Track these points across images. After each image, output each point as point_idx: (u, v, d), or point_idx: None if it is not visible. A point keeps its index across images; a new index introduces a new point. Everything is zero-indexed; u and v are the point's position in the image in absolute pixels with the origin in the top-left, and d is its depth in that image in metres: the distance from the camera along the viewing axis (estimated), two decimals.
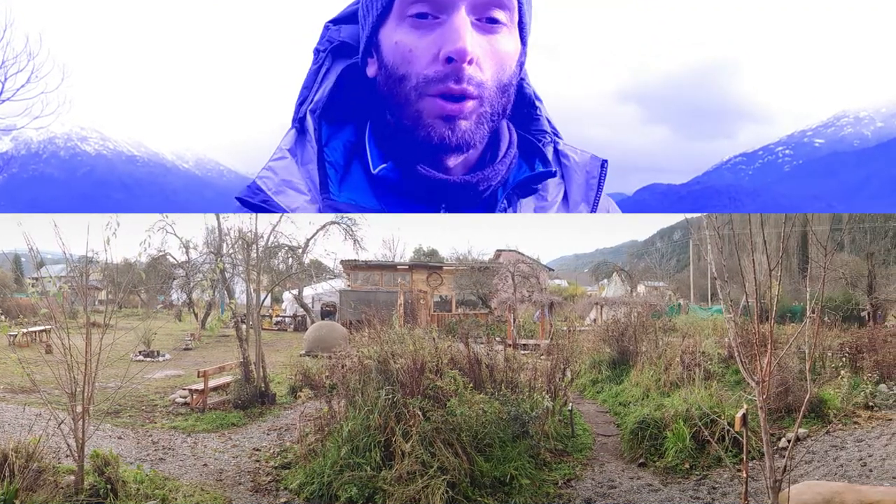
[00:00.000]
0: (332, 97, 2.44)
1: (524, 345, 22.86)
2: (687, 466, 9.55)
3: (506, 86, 2.28)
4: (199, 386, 14.24)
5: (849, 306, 26.52)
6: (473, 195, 2.34)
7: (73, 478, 7.74)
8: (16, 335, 20.53)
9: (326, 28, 2.58)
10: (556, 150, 2.59)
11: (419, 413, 8.71)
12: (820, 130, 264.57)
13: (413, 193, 2.34)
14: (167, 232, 31.85)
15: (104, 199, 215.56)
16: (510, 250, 44.61)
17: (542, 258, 49.88)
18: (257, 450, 11.00)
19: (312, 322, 31.36)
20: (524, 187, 2.48)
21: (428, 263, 40.23)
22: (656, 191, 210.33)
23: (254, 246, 16.95)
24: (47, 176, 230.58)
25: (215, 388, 14.74)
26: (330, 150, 2.37)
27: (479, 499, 8.25)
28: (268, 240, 19.64)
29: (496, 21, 2.22)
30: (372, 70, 2.35)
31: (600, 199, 2.57)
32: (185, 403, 14.26)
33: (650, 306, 25.88)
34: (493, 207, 2.39)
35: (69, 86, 24.88)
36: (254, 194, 2.30)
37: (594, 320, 32.47)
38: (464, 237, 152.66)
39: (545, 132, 2.58)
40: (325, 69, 2.51)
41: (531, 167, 2.51)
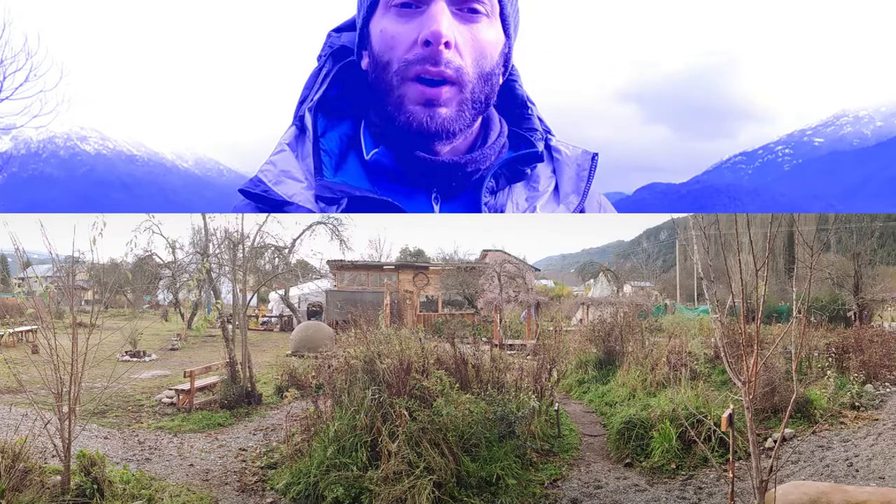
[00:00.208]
0: (329, 93, 2.57)
1: (510, 345, 22.88)
2: (673, 466, 9.57)
3: (488, 75, 2.40)
4: (186, 386, 14.21)
5: (835, 306, 26.59)
6: (462, 177, 2.45)
7: (59, 478, 7.70)
8: (2, 335, 20.42)
9: (329, 36, 2.71)
10: (548, 146, 2.69)
11: (405, 413, 8.71)
12: (820, 130, 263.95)
13: (405, 177, 2.45)
14: (153, 232, 31.59)
15: (104, 198, 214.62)
16: (496, 250, 44.58)
17: (528, 258, 50.15)
18: (244, 450, 10.99)
19: (299, 322, 31.36)
20: (513, 169, 2.57)
21: (414, 264, 40.20)
22: (656, 190, 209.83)
23: (240, 246, 16.94)
24: (47, 175, 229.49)
25: (202, 389, 14.72)
26: (326, 140, 2.50)
27: (465, 499, 8.26)
28: (254, 240, 19.57)
29: (476, 11, 2.34)
30: (365, 62, 2.47)
31: (590, 192, 2.66)
32: (172, 404, 14.24)
33: (636, 306, 25.94)
34: (482, 188, 2.48)
35: (67, 84, 25.37)
36: (255, 185, 2.43)
37: (580, 320, 32.52)
38: (450, 237, 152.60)
39: (536, 129, 2.68)
40: (325, 71, 2.63)
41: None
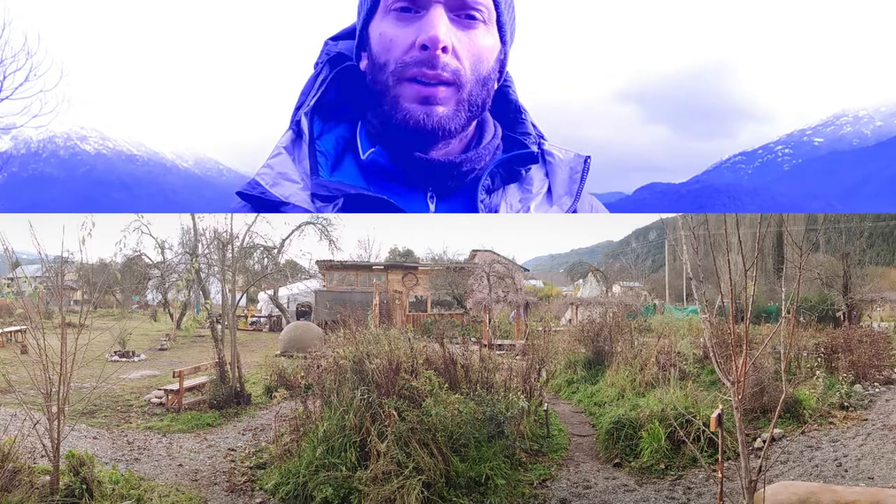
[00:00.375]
0: (326, 97, 2.63)
1: (500, 345, 22.86)
2: (662, 467, 9.59)
3: (485, 79, 2.47)
4: (175, 386, 14.18)
5: (824, 306, 26.66)
6: (458, 176, 2.51)
7: (48, 478, 7.68)
8: None
9: (326, 44, 2.75)
10: (542, 150, 2.75)
11: (395, 413, 8.71)
12: (819, 129, 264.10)
13: (401, 176, 2.50)
14: (143, 232, 31.60)
15: (104, 198, 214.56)
16: (486, 251, 44.60)
17: (517, 258, 50.07)
18: (233, 450, 10.98)
19: (288, 322, 31.29)
20: (509, 169, 2.62)
21: (403, 264, 40.11)
22: (656, 190, 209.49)
23: (229, 246, 16.90)
24: (47, 175, 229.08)
25: (191, 389, 14.69)
26: (322, 142, 2.55)
27: (454, 499, 8.27)
28: (243, 240, 19.55)
29: (473, 18, 2.40)
30: (363, 63, 2.53)
31: (582, 194, 2.71)
32: (161, 404, 14.20)
33: (625, 306, 25.99)
34: (477, 187, 2.53)
35: (67, 84, 25.22)
36: (252, 188, 2.47)
37: (569, 320, 32.57)
38: (439, 237, 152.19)
39: (530, 134, 2.74)
40: (322, 76, 2.67)
41: None
